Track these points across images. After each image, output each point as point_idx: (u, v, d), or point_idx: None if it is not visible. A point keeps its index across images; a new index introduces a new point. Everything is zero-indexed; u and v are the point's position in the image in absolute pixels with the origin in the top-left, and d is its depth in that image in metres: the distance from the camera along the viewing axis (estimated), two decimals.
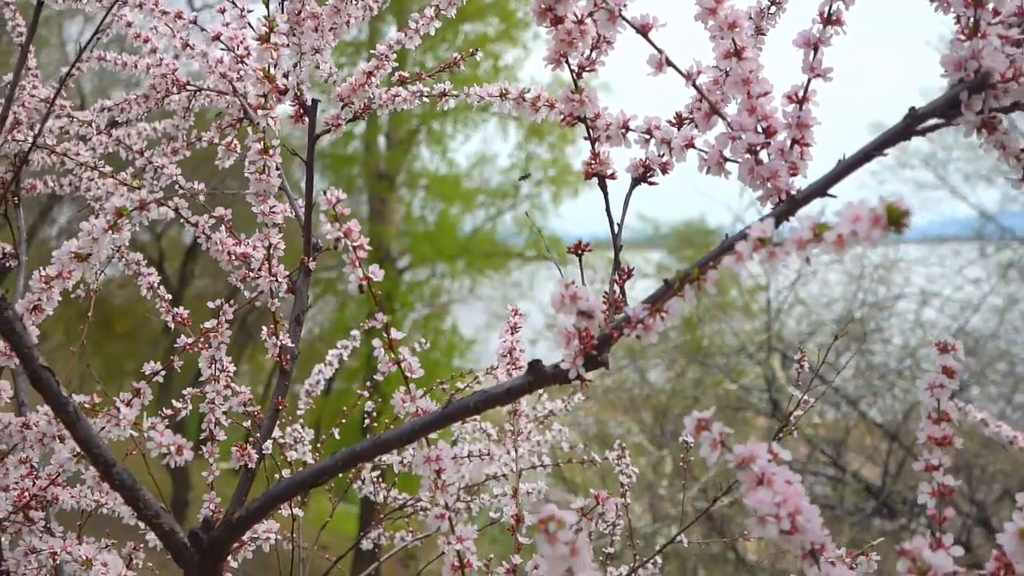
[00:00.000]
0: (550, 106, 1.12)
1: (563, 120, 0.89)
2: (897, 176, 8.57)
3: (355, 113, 1.36)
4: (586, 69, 0.87)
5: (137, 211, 0.90)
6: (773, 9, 0.88)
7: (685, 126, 0.85)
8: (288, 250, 1.23)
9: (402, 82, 1.36)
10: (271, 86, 1.04)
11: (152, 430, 0.95)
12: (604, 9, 0.80)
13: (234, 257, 1.27)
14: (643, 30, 0.81)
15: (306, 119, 1.32)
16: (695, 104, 0.83)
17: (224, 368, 1.20)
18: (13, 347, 0.85)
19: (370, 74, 1.34)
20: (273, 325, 1.20)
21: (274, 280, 1.18)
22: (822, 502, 6.53)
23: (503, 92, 1.20)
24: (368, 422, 1.96)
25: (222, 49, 1.30)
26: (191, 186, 1.36)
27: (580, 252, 0.93)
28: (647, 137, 0.88)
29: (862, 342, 7.07)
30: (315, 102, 1.31)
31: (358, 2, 1.29)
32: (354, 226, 0.90)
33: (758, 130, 0.78)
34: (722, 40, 0.78)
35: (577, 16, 0.82)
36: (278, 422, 1.39)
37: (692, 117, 0.84)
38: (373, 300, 0.93)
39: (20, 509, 1.12)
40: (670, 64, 0.81)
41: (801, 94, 0.77)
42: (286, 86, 1.24)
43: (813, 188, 0.74)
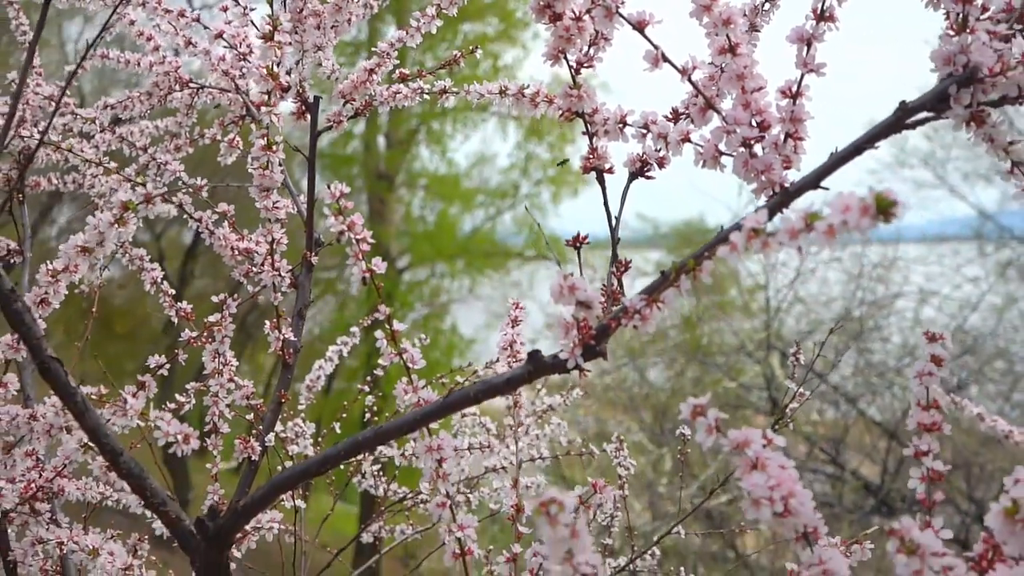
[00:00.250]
0: (549, 101, 1.13)
1: (561, 115, 0.90)
2: (896, 175, 8.60)
3: (356, 110, 1.37)
4: (584, 65, 0.88)
5: (143, 205, 0.92)
6: (767, 6, 0.90)
7: (681, 121, 0.87)
8: (289, 248, 1.24)
9: (403, 79, 1.38)
10: (275, 83, 1.06)
11: (159, 419, 0.97)
12: (601, 6, 0.81)
13: (237, 252, 1.29)
14: (639, 26, 0.82)
15: (308, 116, 1.33)
16: (691, 99, 0.85)
17: (227, 362, 1.22)
18: (22, 338, 0.86)
19: (372, 71, 1.35)
20: (276, 319, 1.22)
21: (277, 274, 1.20)
22: (821, 500, 6.55)
23: (503, 89, 1.21)
24: (369, 417, 1.97)
25: (224, 47, 1.32)
26: (194, 182, 1.38)
27: (578, 245, 0.94)
28: (644, 132, 0.89)
29: (856, 338, 7.08)
30: (317, 99, 1.32)
31: (359, 0, 1.30)
32: (357, 219, 0.91)
33: (752, 124, 0.79)
34: (717, 36, 0.80)
35: (575, 13, 0.83)
36: (279, 417, 1.40)
37: (688, 112, 0.85)
38: (376, 292, 0.94)
39: (26, 501, 1.13)
40: (666, 60, 0.83)
41: (795, 89, 0.79)
42: (288, 83, 1.25)
43: (806, 180, 0.75)
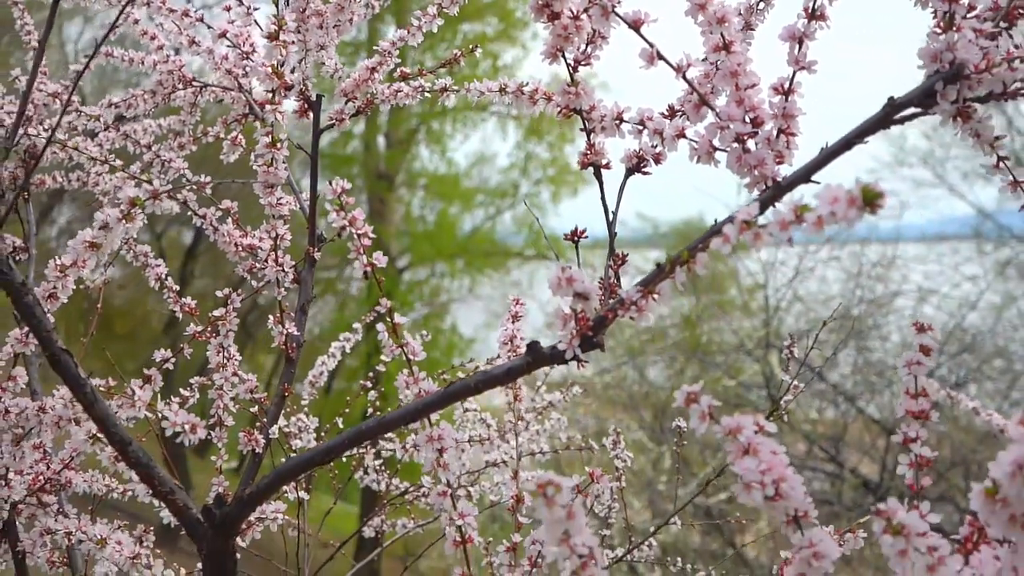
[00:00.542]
0: (547, 98, 1.15)
1: (560, 112, 0.92)
2: (895, 174, 8.63)
3: (358, 108, 1.39)
4: (582, 63, 0.90)
5: (150, 201, 0.94)
6: (762, 5, 0.92)
7: (677, 117, 0.89)
8: (291, 245, 1.26)
9: (404, 78, 1.40)
10: (279, 82, 1.07)
11: (166, 409, 0.99)
12: (598, 5, 0.83)
13: (241, 248, 1.31)
14: (635, 25, 0.84)
15: (311, 114, 1.35)
16: (686, 96, 0.87)
17: (231, 356, 1.24)
18: (33, 331, 0.88)
19: (373, 70, 1.37)
20: (280, 314, 1.24)
21: (280, 270, 1.22)
22: (820, 498, 6.57)
23: (502, 87, 1.23)
24: (371, 413, 1.99)
25: (228, 46, 1.34)
26: (198, 179, 1.40)
27: (576, 239, 0.96)
28: (640, 128, 0.91)
29: (853, 334, 7.10)
30: (319, 97, 1.34)
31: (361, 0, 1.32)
32: (358, 215, 0.94)
33: (746, 120, 0.81)
34: (711, 34, 0.82)
35: (573, 12, 0.86)
36: (283, 411, 1.42)
37: (683, 109, 0.88)
38: (378, 287, 0.96)
39: (34, 492, 1.15)
40: (661, 58, 0.85)
41: (787, 86, 0.81)
42: (292, 82, 1.27)
43: (797, 175, 0.77)
